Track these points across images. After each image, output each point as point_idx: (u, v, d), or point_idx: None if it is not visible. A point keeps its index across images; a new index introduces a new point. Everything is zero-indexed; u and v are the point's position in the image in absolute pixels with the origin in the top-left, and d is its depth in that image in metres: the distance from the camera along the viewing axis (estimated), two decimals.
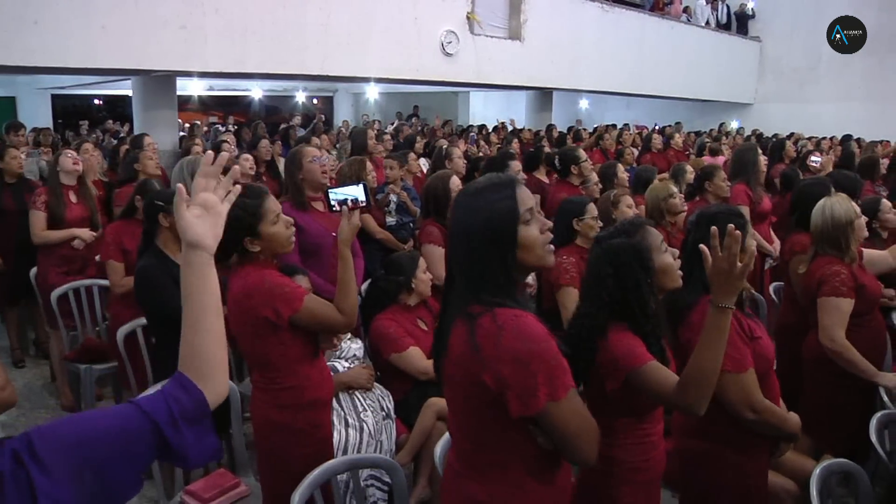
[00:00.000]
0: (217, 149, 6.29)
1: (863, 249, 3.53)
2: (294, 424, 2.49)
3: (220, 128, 13.91)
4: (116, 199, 5.07)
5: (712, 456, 2.39)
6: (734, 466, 2.38)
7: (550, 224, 1.70)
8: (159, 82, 8.36)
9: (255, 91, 18.98)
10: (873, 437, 2.68)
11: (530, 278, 3.90)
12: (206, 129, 15.00)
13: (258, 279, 2.39)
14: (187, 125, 13.36)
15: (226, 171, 1.42)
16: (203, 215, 1.34)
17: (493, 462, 1.68)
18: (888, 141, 11.75)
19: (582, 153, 5.64)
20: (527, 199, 1.66)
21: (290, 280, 2.51)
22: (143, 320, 3.58)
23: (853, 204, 3.35)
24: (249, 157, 6.08)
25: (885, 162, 7.35)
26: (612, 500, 2.08)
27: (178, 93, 8.96)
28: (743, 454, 2.39)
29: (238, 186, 1.41)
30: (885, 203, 4.07)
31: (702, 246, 1.95)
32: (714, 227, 1.92)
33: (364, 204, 2.69)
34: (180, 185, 1.35)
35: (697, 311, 2.36)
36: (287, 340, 2.44)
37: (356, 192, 2.67)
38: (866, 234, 3.42)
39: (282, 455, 2.51)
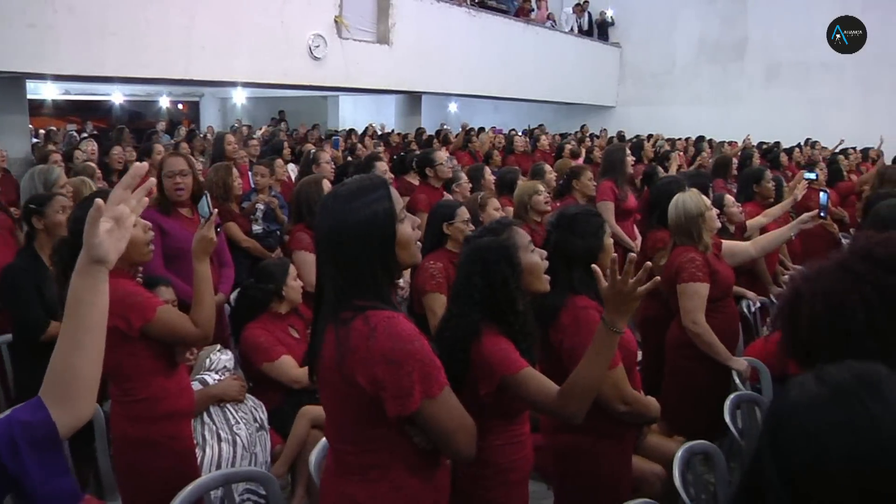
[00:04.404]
0: (70, 156, 6.02)
1: (723, 242, 3.76)
2: (150, 437, 2.44)
3: (76, 134, 13.12)
4: None
5: (585, 449, 2.46)
6: (606, 456, 2.47)
7: (419, 221, 1.77)
8: (7, 85, 7.83)
9: (116, 95, 18.08)
10: (727, 418, 2.83)
11: (402, 281, 3.93)
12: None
13: (111, 288, 2.30)
14: (42, 131, 12.61)
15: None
16: (113, 229, 1.27)
17: (374, 463, 1.68)
18: (735, 141, 12.59)
19: (438, 155, 5.62)
20: (398, 197, 1.72)
21: (145, 290, 2.45)
22: (9, 336, 3.42)
23: (703, 198, 3.58)
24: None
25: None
26: (486, 502, 2.10)
27: (30, 96, 8.44)
28: (617, 444, 2.49)
29: (146, 199, 1.36)
30: (729, 198, 4.43)
31: (594, 266, 2.03)
32: (614, 255, 2.00)
33: (205, 218, 2.67)
34: (99, 200, 1.26)
35: (567, 314, 2.42)
36: (139, 351, 2.38)
37: (200, 208, 2.67)
38: (718, 224, 3.64)
39: (140, 470, 2.44)
